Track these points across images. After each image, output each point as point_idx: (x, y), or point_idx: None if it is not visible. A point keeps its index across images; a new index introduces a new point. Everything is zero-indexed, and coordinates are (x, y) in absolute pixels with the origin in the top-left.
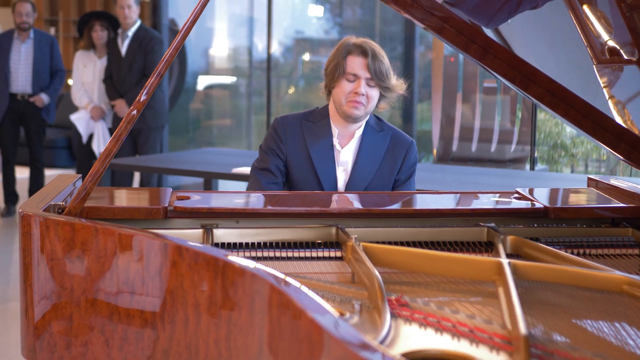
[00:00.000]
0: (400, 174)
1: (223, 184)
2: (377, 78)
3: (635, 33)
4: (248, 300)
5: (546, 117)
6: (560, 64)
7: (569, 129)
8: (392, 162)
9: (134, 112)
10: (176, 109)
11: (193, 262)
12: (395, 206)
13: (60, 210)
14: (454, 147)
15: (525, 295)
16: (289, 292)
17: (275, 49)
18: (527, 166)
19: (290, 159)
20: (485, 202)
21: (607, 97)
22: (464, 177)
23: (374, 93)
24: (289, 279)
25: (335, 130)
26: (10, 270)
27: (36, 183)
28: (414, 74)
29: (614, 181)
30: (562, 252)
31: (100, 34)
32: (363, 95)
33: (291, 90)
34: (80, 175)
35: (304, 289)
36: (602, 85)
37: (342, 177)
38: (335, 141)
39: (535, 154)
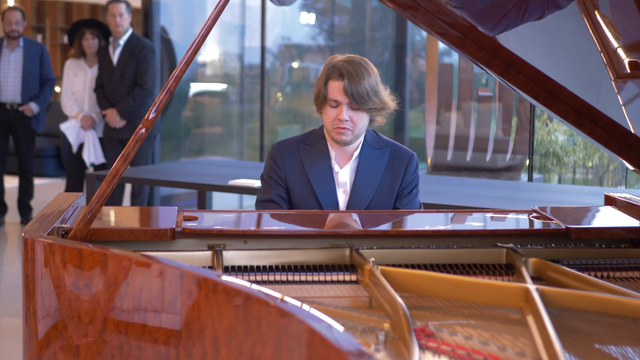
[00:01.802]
0: (401, 188)
1: (217, 195)
2: (357, 102)
3: None
4: (273, 336)
5: (538, 124)
6: (560, 72)
7: (561, 137)
8: (393, 178)
9: (142, 130)
10: (167, 117)
11: (212, 293)
12: (412, 227)
13: (64, 233)
14: (449, 156)
15: (553, 323)
16: (321, 331)
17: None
18: (522, 175)
19: (290, 184)
20: (505, 221)
21: (625, 112)
22: (463, 189)
23: (359, 116)
24: (316, 313)
25: (332, 152)
26: (1, 284)
27: (25, 193)
28: (405, 81)
29: (629, 196)
30: (589, 277)
31: (91, 43)
32: (347, 120)
33: (280, 97)
34: (81, 193)
35: (334, 324)
36: (622, 101)
37: (342, 198)
38: (334, 162)
39: (533, 162)
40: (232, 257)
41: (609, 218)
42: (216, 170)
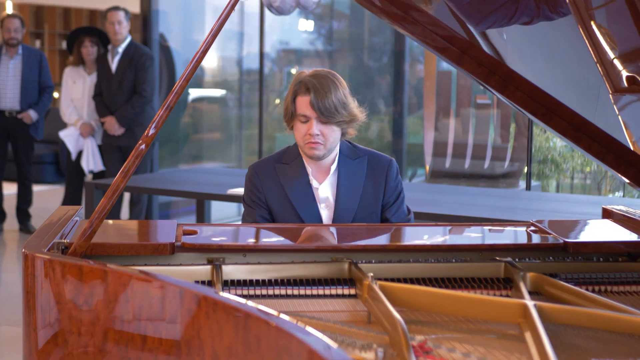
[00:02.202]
0: (386, 196)
1: (215, 203)
2: (325, 116)
3: None
4: (273, 356)
5: (536, 131)
6: (559, 81)
7: (560, 144)
8: (375, 187)
9: (142, 146)
10: (166, 123)
11: (212, 311)
12: (411, 241)
13: (64, 248)
14: (447, 163)
15: (551, 340)
16: (320, 351)
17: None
18: (521, 182)
19: (271, 204)
20: (503, 235)
21: (623, 126)
22: (460, 198)
23: (329, 129)
24: (315, 332)
25: (309, 168)
26: (0, 292)
27: (24, 200)
28: (404, 87)
29: (626, 210)
30: (586, 292)
31: (90, 50)
32: (318, 134)
33: (278, 103)
34: (80, 207)
35: (332, 343)
36: (619, 114)
37: (325, 213)
38: (311, 178)
39: (531, 169)
40: (231, 271)
41: (606, 232)
42: (214, 179)
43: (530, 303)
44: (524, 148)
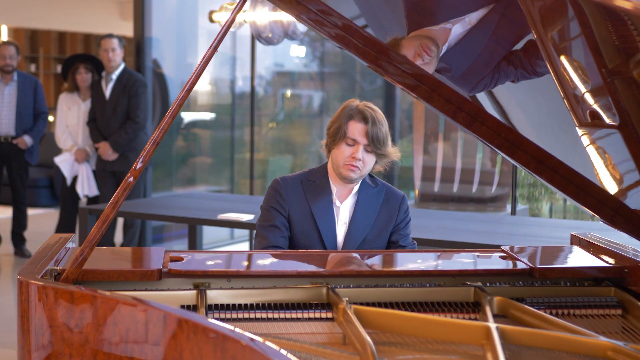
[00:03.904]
0: (396, 225)
1: (206, 229)
2: (375, 146)
3: (616, 99)
4: None
5: None
6: (541, 109)
7: None
8: (388, 216)
9: (130, 179)
10: (159, 146)
11: (192, 333)
12: (385, 267)
13: (57, 275)
14: (436, 187)
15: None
16: None
17: (256, 83)
18: (508, 206)
19: (293, 215)
20: (472, 261)
21: (590, 156)
22: (446, 223)
23: (370, 158)
24: (287, 354)
25: (334, 188)
26: None
27: (19, 224)
28: (395, 110)
29: (594, 237)
30: (548, 315)
31: (84, 77)
32: (360, 160)
33: (272, 125)
34: (73, 234)
35: None
36: (585, 145)
37: (341, 231)
38: (334, 197)
39: (516, 194)
40: (215, 295)
41: (572, 257)
42: (206, 204)
43: (492, 325)
44: (511, 172)
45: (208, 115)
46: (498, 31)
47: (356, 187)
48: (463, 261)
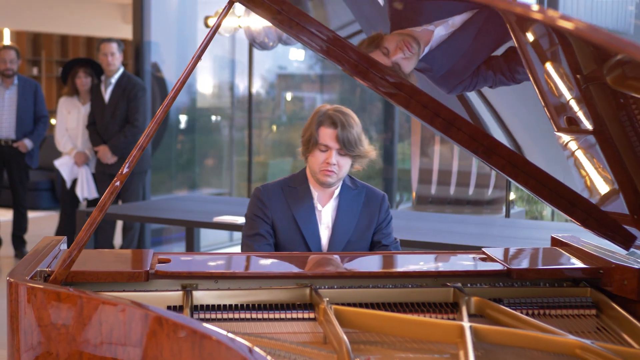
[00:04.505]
0: (378, 225)
1: (205, 231)
2: (347, 149)
3: (591, 105)
4: None
5: None
6: (531, 114)
7: None
8: (369, 216)
9: (117, 183)
10: (160, 149)
11: (172, 332)
12: (366, 268)
13: (46, 276)
14: (433, 190)
15: (483, 358)
16: None
17: (258, 86)
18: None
19: (276, 222)
20: (452, 263)
21: (567, 160)
22: (441, 226)
23: (345, 161)
24: (259, 351)
25: (314, 193)
26: None
27: (19, 227)
28: (394, 114)
29: (574, 240)
30: (521, 315)
31: (84, 81)
32: (334, 164)
33: (274, 129)
34: (64, 237)
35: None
36: (563, 150)
37: (325, 234)
38: (316, 202)
39: (512, 197)
40: (202, 296)
41: (550, 259)
42: (204, 207)
43: (466, 325)
44: None
45: (208, 118)
46: (480, 36)
47: (337, 191)
48: (443, 263)
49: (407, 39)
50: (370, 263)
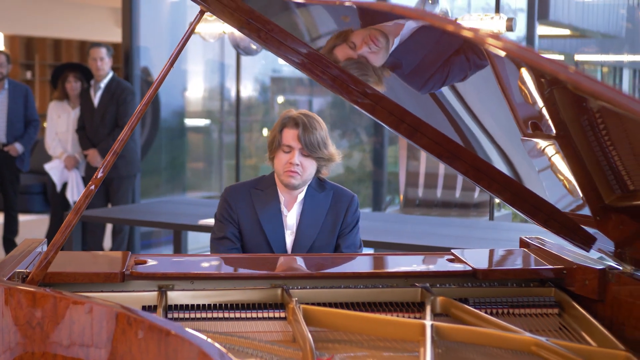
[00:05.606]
0: (343, 227)
1: (193, 234)
2: (308, 149)
3: (554, 109)
4: None
5: None
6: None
7: None
8: (335, 218)
9: (92, 187)
10: (150, 153)
11: (140, 329)
12: (336, 269)
13: (24, 277)
14: (420, 193)
15: (445, 355)
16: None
17: (251, 89)
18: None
19: (242, 225)
20: (421, 263)
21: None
22: (425, 229)
23: (309, 163)
24: (219, 347)
25: (282, 197)
26: None
27: (10, 230)
28: None
29: (541, 241)
30: (483, 314)
31: (73, 85)
32: (297, 165)
33: (265, 133)
34: (45, 239)
35: (227, 353)
36: (529, 155)
37: (289, 238)
38: (282, 206)
39: (498, 200)
40: (177, 296)
41: (516, 260)
42: (192, 210)
43: (428, 323)
44: None
45: (198, 122)
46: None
47: (301, 195)
48: (411, 264)
49: (374, 33)
50: (342, 264)
